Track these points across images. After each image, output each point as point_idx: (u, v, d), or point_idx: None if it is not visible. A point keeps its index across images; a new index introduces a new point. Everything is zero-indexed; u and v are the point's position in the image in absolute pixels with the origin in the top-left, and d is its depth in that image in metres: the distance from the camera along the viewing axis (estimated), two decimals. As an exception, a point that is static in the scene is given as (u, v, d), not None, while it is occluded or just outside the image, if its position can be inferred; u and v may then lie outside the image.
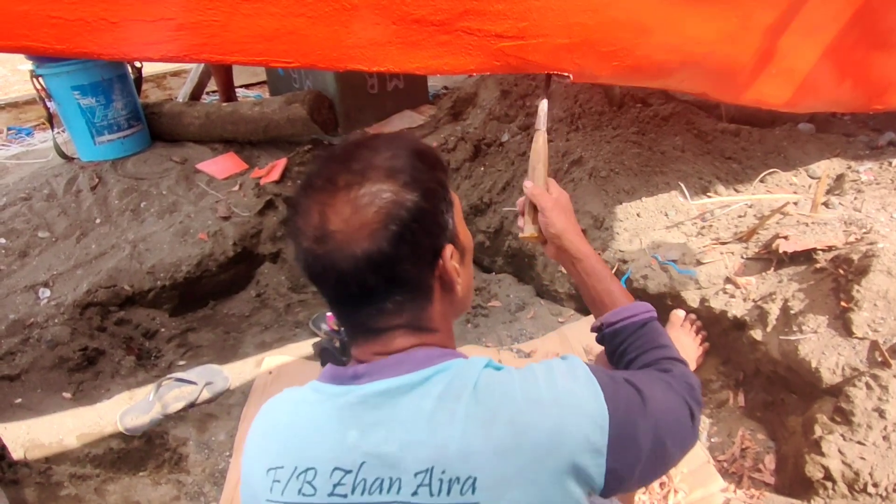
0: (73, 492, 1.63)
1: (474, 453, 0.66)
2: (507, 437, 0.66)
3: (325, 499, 0.69)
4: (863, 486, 1.19)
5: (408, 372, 0.71)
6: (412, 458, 0.67)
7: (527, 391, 0.69)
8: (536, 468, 0.66)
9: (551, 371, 0.73)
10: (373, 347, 0.75)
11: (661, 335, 0.97)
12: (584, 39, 1.09)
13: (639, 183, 2.11)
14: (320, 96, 2.96)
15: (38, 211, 2.58)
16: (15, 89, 4.65)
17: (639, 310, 0.99)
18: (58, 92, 2.70)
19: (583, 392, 0.71)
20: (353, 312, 0.75)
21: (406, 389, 0.70)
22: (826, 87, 1.76)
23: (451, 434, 0.67)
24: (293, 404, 0.77)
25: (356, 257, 0.69)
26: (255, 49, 0.82)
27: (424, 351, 0.74)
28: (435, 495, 0.66)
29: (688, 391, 0.85)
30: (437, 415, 0.68)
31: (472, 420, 0.67)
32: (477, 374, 0.70)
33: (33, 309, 2.16)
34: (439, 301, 0.77)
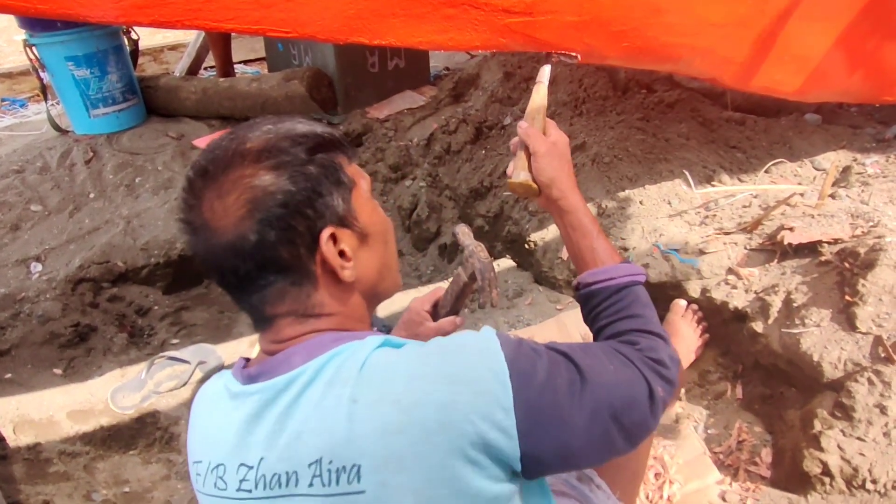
0: (63, 469, 1.62)
1: (358, 438, 0.63)
2: (391, 416, 0.63)
3: (234, 493, 0.70)
4: (861, 483, 1.18)
5: (300, 364, 0.69)
6: (304, 450, 0.65)
7: (416, 367, 0.66)
8: (424, 449, 0.62)
9: (451, 345, 0.68)
10: (268, 336, 0.74)
11: (638, 303, 0.88)
12: (594, 17, 1.06)
13: (642, 170, 2.08)
14: (319, 74, 2.91)
15: (31, 184, 2.54)
16: (10, 60, 4.57)
17: (620, 272, 0.90)
18: (52, 62, 2.64)
19: (482, 368, 0.66)
20: (242, 300, 0.74)
21: (296, 383, 0.68)
22: (837, 76, 1.73)
23: (337, 420, 0.64)
24: (211, 399, 0.77)
25: (223, 246, 0.68)
26: (251, 17, 0.78)
27: (316, 339, 0.71)
28: (326, 486, 0.64)
29: (651, 368, 0.77)
30: (325, 402, 0.65)
31: (358, 404, 0.64)
32: (366, 356, 0.67)
33: (24, 283, 2.13)
34: (328, 286, 0.73)
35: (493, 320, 1.99)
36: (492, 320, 1.99)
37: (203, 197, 0.69)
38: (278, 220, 0.68)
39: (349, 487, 0.63)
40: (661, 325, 0.87)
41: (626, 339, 0.83)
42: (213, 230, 0.68)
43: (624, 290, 0.89)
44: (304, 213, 0.69)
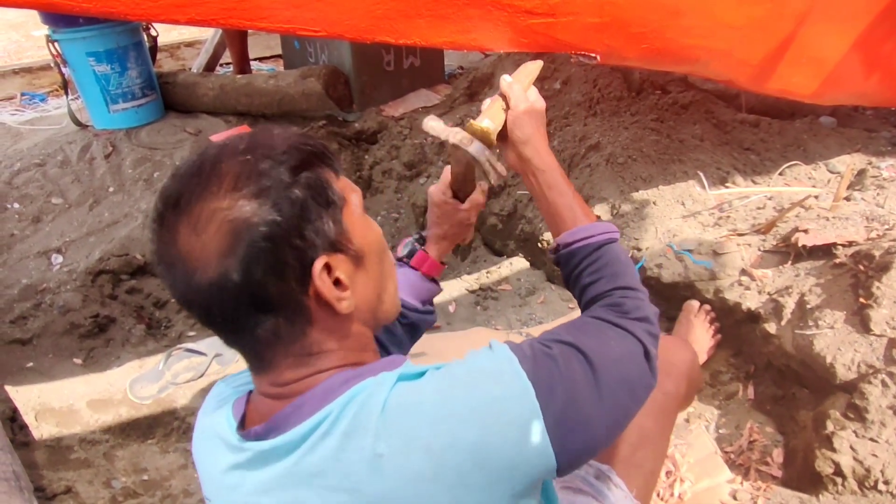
0: (83, 456, 1.65)
1: (389, 492, 0.59)
2: (423, 465, 0.59)
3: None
4: (873, 483, 1.19)
5: (309, 415, 0.62)
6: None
7: (440, 407, 0.61)
8: (461, 491, 0.59)
9: (471, 375, 0.64)
10: (268, 378, 0.67)
11: (616, 261, 0.88)
12: (614, 19, 1.07)
13: (656, 171, 2.09)
14: (336, 71, 2.94)
15: (52, 177, 2.58)
16: (28, 55, 4.63)
17: (596, 231, 0.89)
18: (73, 58, 2.68)
19: (507, 394, 0.63)
20: (232, 341, 0.67)
21: (307, 436, 0.62)
22: (853, 79, 1.73)
23: (361, 474, 0.59)
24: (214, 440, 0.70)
25: (205, 285, 0.60)
26: (283, 16, 0.81)
27: (325, 382, 0.65)
28: None
29: (642, 329, 0.78)
30: (343, 455, 0.60)
31: (384, 458, 0.59)
32: (385, 397, 0.61)
33: (46, 274, 2.17)
34: (325, 320, 0.65)
35: (506, 318, 2.01)
36: (504, 319, 2.01)
37: (177, 231, 0.61)
38: (264, 255, 0.60)
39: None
40: (637, 279, 0.88)
41: (611, 300, 0.83)
42: (191, 269, 0.60)
43: (602, 247, 0.88)
44: (292, 244, 0.61)
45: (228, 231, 0.59)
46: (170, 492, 1.57)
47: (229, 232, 0.59)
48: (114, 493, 1.54)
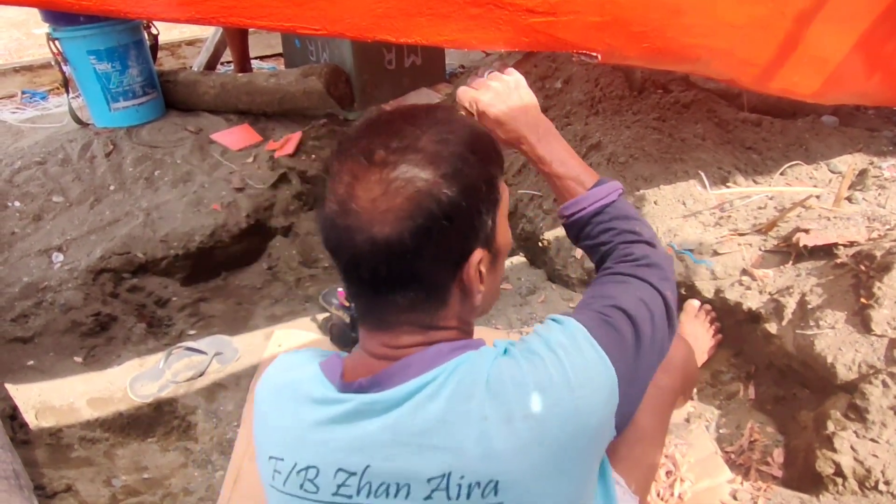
0: (83, 454, 1.65)
1: (494, 455, 0.63)
2: (525, 432, 0.64)
3: (329, 497, 0.68)
4: (874, 484, 1.18)
5: (415, 376, 0.67)
6: (424, 464, 0.64)
7: (538, 380, 0.66)
8: (560, 458, 0.65)
9: (556, 354, 0.69)
10: (381, 338, 0.71)
11: (620, 217, 0.92)
12: (615, 18, 1.07)
13: (657, 170, 2.09)
14: (337, 70, 2.93)
15: (53, 175, 2.58)
16: (29, 53, 4.63)
17: (589, 200, 0.93)
18: (74, 56, 2.68)
19: (590, 365, 0.69)
20: (362, 294, 0.71)
21: (413, 394, 0.66)
22: (855, 79, 1.73)
23: (467, 436, 0.63)
24: (298, 399, 0.73)
25: (373, 241, 0.64)
26: (283, 14, 0.80)
27: (433, 349, 0.69)
28: (453, 499, 0.63)
29: (659, 277, 0.84)
30: (449, 417, 0.64)
31: (489, 420, 0.64)
32: (488, 369, 0.66)
33: (47, 273, 2.17)
34: (456, 304, 0.71)
35: (507, 317, 2.01)
36: (504, 318, 2.01)
37: (367, 182, 0.64)
38: (438, 231, 0.64)
39: (484, 501, 0.63)
40: (647, 227, 0.93)
41: (626, 254, 0.88)
42: (367, 220, 0.63)
43: (608, 207, 0.93)
44: (463, 232, 0.67)
45: (419, 200, 0.63)
46: (170, 490, 1.57)
47: (419, 201, 0.63)
48: (114, 491, 1.55)
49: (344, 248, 0.67)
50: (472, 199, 0.66)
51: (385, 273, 0.66)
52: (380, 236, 0.63)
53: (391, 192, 0.63)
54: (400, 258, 0.64)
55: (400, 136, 0.66)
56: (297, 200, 2.63)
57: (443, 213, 0.64)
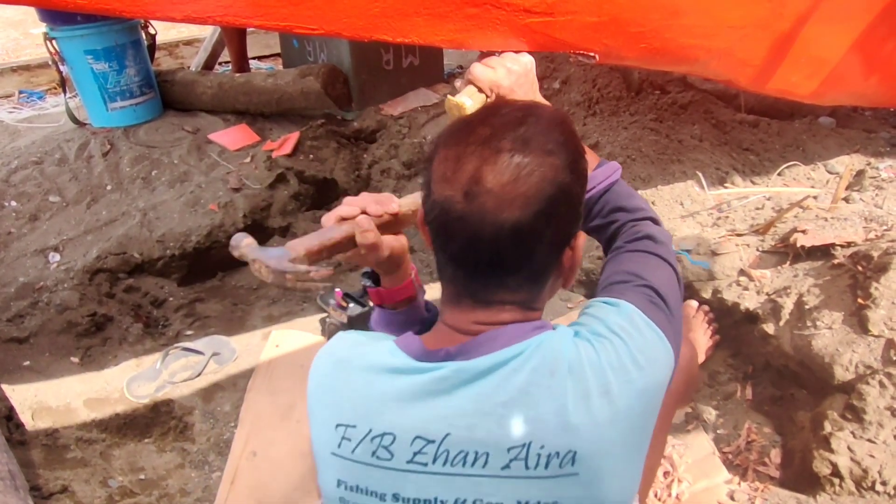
0: (80, 455, 1.65)
1: (572, 428, 0.67)
2: (600, 409, 0.67)
3: (404, 465, 0.70)
4: (871, 484, 1.18)
5: (501, 348, 0.70)
6: (504, 434, 0.67)
7: (613, 363, 0.70)
8: (633, 433, 0.70)
9: (621, 336, 0.73)
10: (476, 316, 0.73)
11: (625, 196, 0.99)
12: (613, 18, 1.07)
13: (655, 171, 2.09)
14: (335, 70, 2.93)
15: (50, 175, 2.57)
16: (27, 52, 4.62)
17: (598, 179, 0.99)
18: (71, 56, 2.67)
19: (650, 345, 0.74)
20: (472, 279, 0.73)
21: (499, 366, 0.69)
22: (853, 80, 1.73)
23: (548, 409, 0.67)
24: (373, 369, 0.74)
25: (501, 224, 0.67)
26: (280, 13, 0.80)
27: (516, 326, 0.73)
28: (531, 468, 0.66)
29: (668, 251, 0.89)
30: (532, 389, 0.68)
31: (568, 396, 0.67)
32: (568, 349, 0.70)
33: (43, 273, 2.16)
34: (552, 285, 0.77)
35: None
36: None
37: (497, 167, 0.67)
38: (557, 215, 0.69)
39: (561, 471, 0.66)
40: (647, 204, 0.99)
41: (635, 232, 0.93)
42: (496, 205, 0.66)
43: (614, 186, 1.00)
44: (572, 216, 0.73)
45: (545, 186, 0.67)
46: (167, 491, 1.56)
47: (545, 187, 0.67)
48: (110, 492, 1.54)
49: (466, 233, 0.69)
50: (580, 186, 0.73)
51: (506, 255, 0.69)
52: (509, 219, 0.67)
53: (522, 178, 0.67)
54: (524, 240, 0.69)
55: (523, 126, 0.70)
56: (295, 201, 2.62)
57: (562, 196, 0.69)
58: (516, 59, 0.99)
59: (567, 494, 0.67)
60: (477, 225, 0.67)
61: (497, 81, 0.97)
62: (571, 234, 0.74)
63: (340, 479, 0.73)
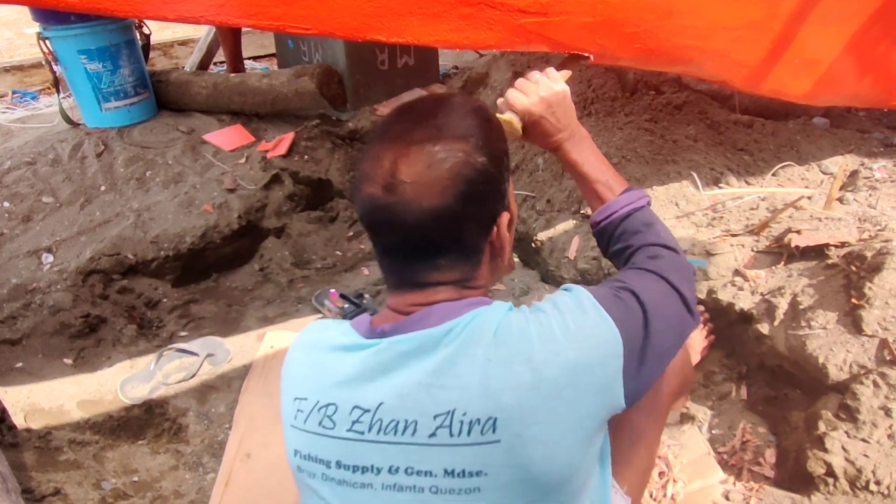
0: (72, 457, 1.64)
1: (494, 394, 0.68)
2: (525, 375, 0.69)
3: (344, 433, 0.73)
4: (865, 484, 1.19)
5: (434, 325, 0.73)
6: (432, 402, 0.70)
7: (541, 333, 0.72)
8: (555, 404, 0.69)
9: (558, 307, 0.75)
10: (413, 298, 0.77)
11: (647, 223, 0.99)
12: (607, 19, 1.07)
13: (650, 171, 2.09)
14: (330, 70, 2.92)
15: (43, 176, 2.56)
16: (20, 52, 4.60)
17: (621, 203, 1.00)
18: (65, 55, 2.66)
19: (594, 325, 0.74)
20: (405, 265, 0.77)
21: (430, 341, 0.72)
22: (847, 80, 1.73)
23: (472, 377, 0.69)
24: (327, 347, 0.80)
25: (423, 210, 0.71)
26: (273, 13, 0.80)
27: (451, 304, 0.76)
28: (455, 436, 0.68)
29: (679, 277, 0.88)
30: (458, 359, 0.70)
31: (493, 363, 0.69)
32: (498, 320, 0.72)
33: (36, 274, 2.15)
34: (486, 264, 0.80)
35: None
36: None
37: (410, 158, 0.71)
38: (478, 196, 0.73)
39: (482, 438, 0.68)
40: (671, 236, 0.98)
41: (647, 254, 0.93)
42: (415, 193, 0.71)
43: (629, 217, 1.00)
44: (494, 195, 0.76)
45: (459, 169, 0.72)
46: (160, 493, 1.56)
47: (460, 170, 0.72)
48: (103, 494, 1.53)
49: (392, 223, 0.73)
50: (497, 166, 0.76)
51: (433, 238, 0.74)
52: (429, 206, 0.71)
53: (435, 164, 0.71)
54: (447, 223, 0.73)
55: (433, 118, 0.75)
56: (290, 201, 2.62)
57: (480, 178, 0.73)
58: (550, 87, 1.02)
59: (490, 462, 0.68)
60: (401, 215, 0.72)
61: (528, 108, 1.01)
62: (495, 212, 0.78)
63: (297, 449, 0.79)
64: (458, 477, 0.69)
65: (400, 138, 0.73)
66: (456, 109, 0.76)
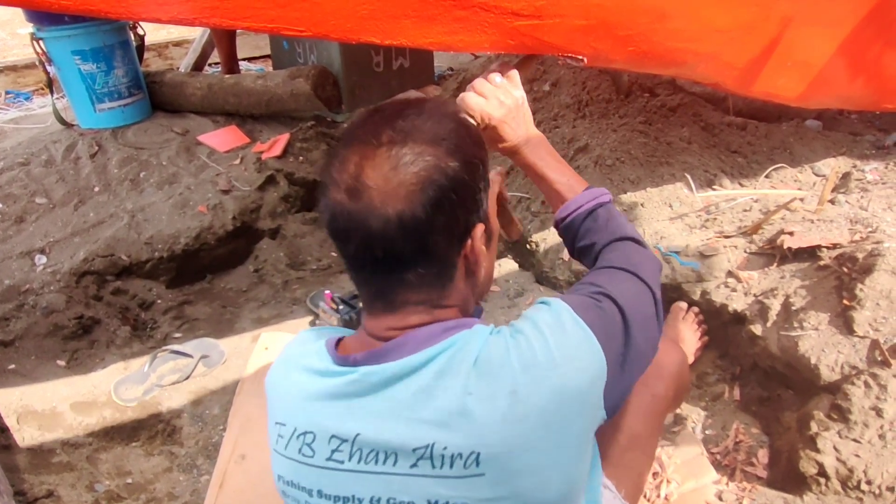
0: (66, 459, 1.63)
1: (475, 429, 0.65)
2: (509, 407, 0.66)
3: (323, 462, 0.72)
4: (856, 484, 1.19)
5: (409, 354, 0.69)
6: (410, 435, 0.67)
7: (523, 359, 0.68)
8: (542, 433, 0.67)
9: (538, 328, 0.71)
10: (387, 321, 0.73)
11: (610, 219, 0.97)
12: (601, 21, 1.07)
13: (644, 173, 2.10)
14: (325, 72, 2.92)
15: (36, 177, 2.55)
16: (14, 53, 4.58)
17: (585, 199, 0.98)
18: (58, 56, 2.65)
19: (573, 343, 0.71)
20: (373, 278, 0.73)
21: (405, 372, 0.69)
22: (839, 83, 1.75)
23: (451, 410, 0.66)
24: (304, 369, 0.77)
25: (388, 218, 0.65)
26: (267, 15, 0.80)
27: (428, 329, 0.72)
28: (437, 468, 0.66)
29: (650, 274, 0.87)
30: (437, 392, 0.67)
31: (472, 396, 0.66)
32: (478, 348, 0.69)
33: (29, 275, 2.14)
34: (461, 280, 0.74)
35: (495, 319, 2.01)
36: (492, 319, 2.01)
37: (376, 161, 0.66)
38: (449, 204, 0.67)
39: (466, 472, 0.66)
40: (634, 230, 0.97)
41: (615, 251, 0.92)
42: (380, 199, 0.65)
43: (598, 209, 0.98)
44: (467, 205, 0.71)
45: (428, 173, 0.66)
46: (154, 495, 1.55)
47: (429, 174, 0.66)
48: (97, 496, 1.52)
49: (356, 231, 0.68)
50: (471, 174, 0.71)
51: (400, 249, 0.68)
52: (394, 212, 0.65)
53: (402, 168, 0.66)
54: (414, 232, 0.67)
55: (402, 119, 0.70)
56: (285, 202, 2.61)
57: (450, 185, 0.67)
58: (509, 92, 1.00)
59: (475, 495, 0.66)
60: (365, 221, 0.66)
61: (488, 112, 0.99)
62: (469, 223, 0.72)
63: (280, 475, 0.78)
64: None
65: (367, 141, 0.68)
66: (428, 112, 0.72)
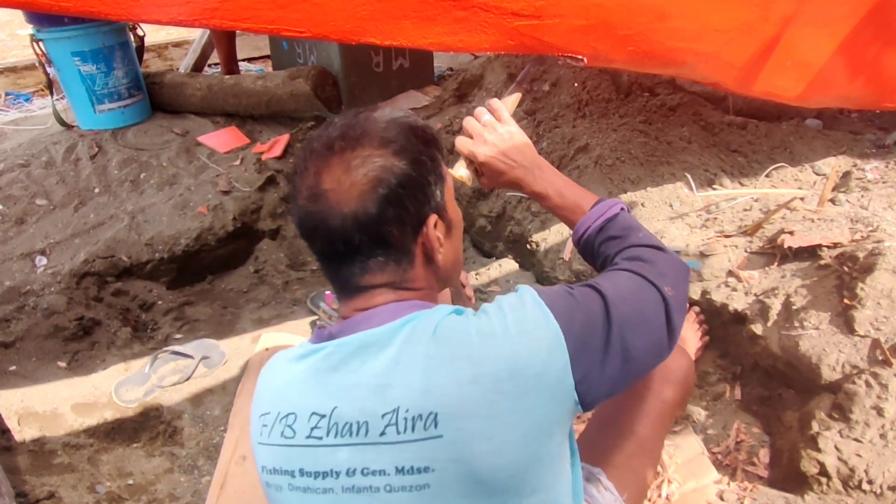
0: (67, 460, 1.63)
1: (435, 390, 0.70)
2: (465, 370, 0.70)
3: (304, 440, 0.75)
4: (857, 483, 1.19)
5: (378, 325, 0.76)
6: (379, 401, 0.72)
7: (481, 330, 0.73)
8: (496, 398, 0.70)
9: (500, 307, 0.76)
10: (355, 303, 0.81)
11: (624, 228, 0.98)
12: (600, 21, 1.07)
13: (644, 173, 2.10)
14: (324, 72, 2.92)
15: (37, 178, 2.55)
16: (13, 54, 4.58)
17: (595, 215, 1.01)
18: (58, 57, 2.65)
19: (532, 318, 0.74)
20: (339, 269, 0.80)
21: (374, 341, 0.75)
22: (838, 82, 1.75)
23: (413, 374, 0.71)
24: (286, 360, 0.83)
25: (344, 215, 0.75)
26: (267, 16, 0.80)
27: (394, 305, 0.79)
28: (401, 433, 0.70)
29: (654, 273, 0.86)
30: (401, 358, 0.72)
31: (433, 360, 0.71)
32: (437, 321, 0.74)
33: (29, 277, 2.14)
34: (422, 266, 0.82)
35: (495, 319, 2.01)
36: (493, 319, 2.01)
37: (330, 168, 0.75)
38: (397, 199, 0.76)
39: (426, 433, 0.69)
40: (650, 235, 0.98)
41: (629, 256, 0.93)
42: (336, 200, 0.75)
43: (610, 222, 1.00)
44: (416, 198, 0.78)
45: (376, 175, 0.75)
46: (155, 496, 1.55)
47: (377, 176, 0.75)
48: (98, 497, 1.53)
49: (319, 230, 0.77)
50: (419, 170, 0.78)
51: (358, 242, 0.76)
52: (349, 210, 0.75)
53: (352, 171, 0.75)
54: (368, 226, 0.75)
55: (352, 128, 0.78)
56: (285, 203, 2.61)
57: (398, 182, 0.76)
58: (495, 129, 1.03)
59: (436, 457, 0.69)
60: (325, 221, 0.76)
61: (473, 151, 1.04)
62: (422, 214, 0.79)
63: (264, 466, 0.80)
64: (407, 474, 0.70)
65: (321, 152, 0.77)
66: (376, 119, 0.79)
